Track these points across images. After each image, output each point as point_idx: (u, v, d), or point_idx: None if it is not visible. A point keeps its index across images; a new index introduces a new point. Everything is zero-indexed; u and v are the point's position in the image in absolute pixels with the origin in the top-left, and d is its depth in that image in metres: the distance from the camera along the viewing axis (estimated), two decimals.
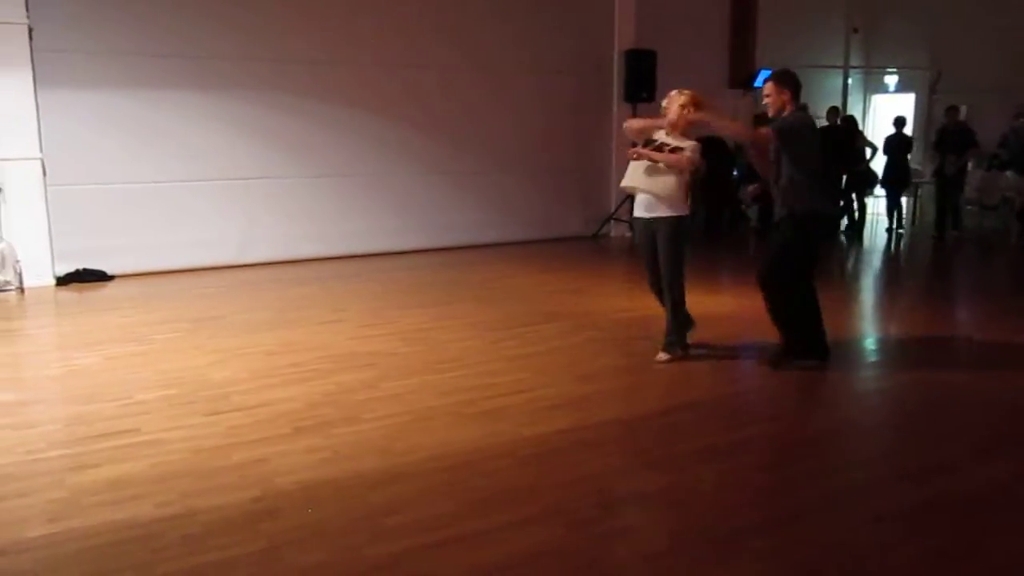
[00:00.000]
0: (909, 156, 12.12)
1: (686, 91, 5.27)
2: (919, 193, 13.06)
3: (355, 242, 9.72)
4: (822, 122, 12.34)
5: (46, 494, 3.45)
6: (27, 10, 7.55)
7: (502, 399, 4.65)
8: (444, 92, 10.18)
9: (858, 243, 11.37)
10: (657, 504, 3.42)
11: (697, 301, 7.10)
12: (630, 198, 11.41)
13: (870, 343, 6.27)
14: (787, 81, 5.11)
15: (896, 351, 5.95)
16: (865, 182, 11.93)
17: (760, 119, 12.41)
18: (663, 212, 5.20)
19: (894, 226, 12.05)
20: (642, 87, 10.97)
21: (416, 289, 7.96)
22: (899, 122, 11.99)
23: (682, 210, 5.22)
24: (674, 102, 5.23)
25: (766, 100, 5.17)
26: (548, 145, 11.06)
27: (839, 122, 11.92)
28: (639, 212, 5.37)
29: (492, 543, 3.06)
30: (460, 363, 5.36)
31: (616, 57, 11.20)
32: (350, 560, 2.94)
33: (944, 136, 11.25)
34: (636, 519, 3.28)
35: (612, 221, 11.33)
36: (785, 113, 5.09)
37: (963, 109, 12.52)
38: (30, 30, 7.60)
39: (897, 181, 11.97)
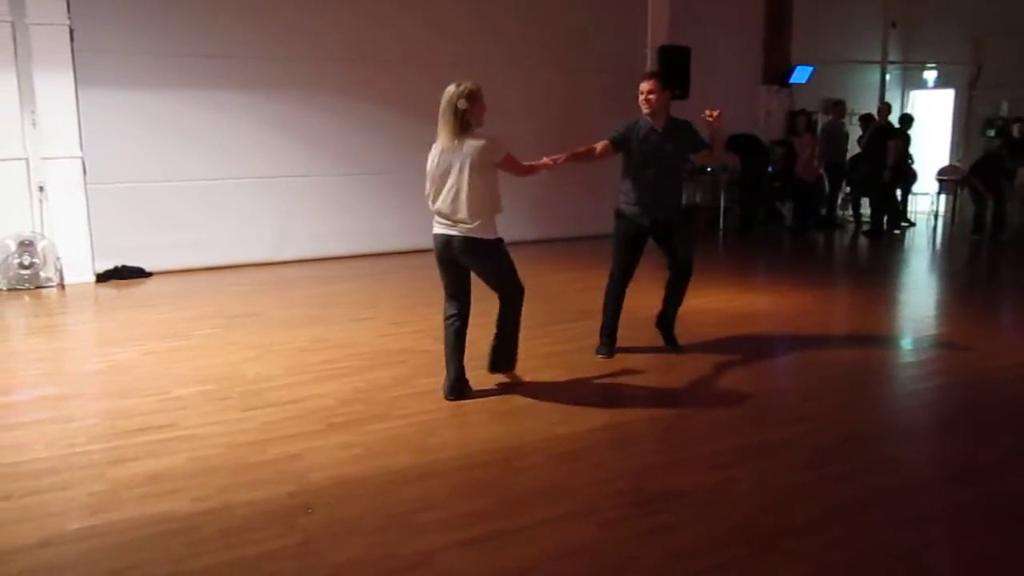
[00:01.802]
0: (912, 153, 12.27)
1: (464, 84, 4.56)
2: (959, 190, 12.82)
3: (387, 239, 9.78)
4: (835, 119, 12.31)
5: (86, 487, 3.51)
6: (68, 11, 7.69)
7: (534, 396, 4.65)
8: None
9: (889, 240, 11.21)
10: (691, 503, 3.39)
11: (731, 299, 7.07)
12: None
13: (906, 343, 6.17)
14: (668, 83, 5.32)
15: (933, 351, 5.85)
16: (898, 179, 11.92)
17: (796, 115, 12.34)
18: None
19: (905, 221, 12.19)
20: (676, 84, 10.85)
21: None
22: (903, 119, 12.18)
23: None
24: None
25: (649, 96, 5.19)
26: (580, 142, 10.92)
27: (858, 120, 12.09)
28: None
29: (525, 541, 3.06)
30: None
31: (649, 54, 11.11)
32: (384, 556, 2.96)
33: (991, 164, 11.11)
34: (670, 518, 3.25)
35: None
36: (662, 113, 5.22)
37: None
38: (71, 31, 7.74)
39: (902, 178, 12.07)
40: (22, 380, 5.14)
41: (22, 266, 7.71)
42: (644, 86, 5.22)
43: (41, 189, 7.84)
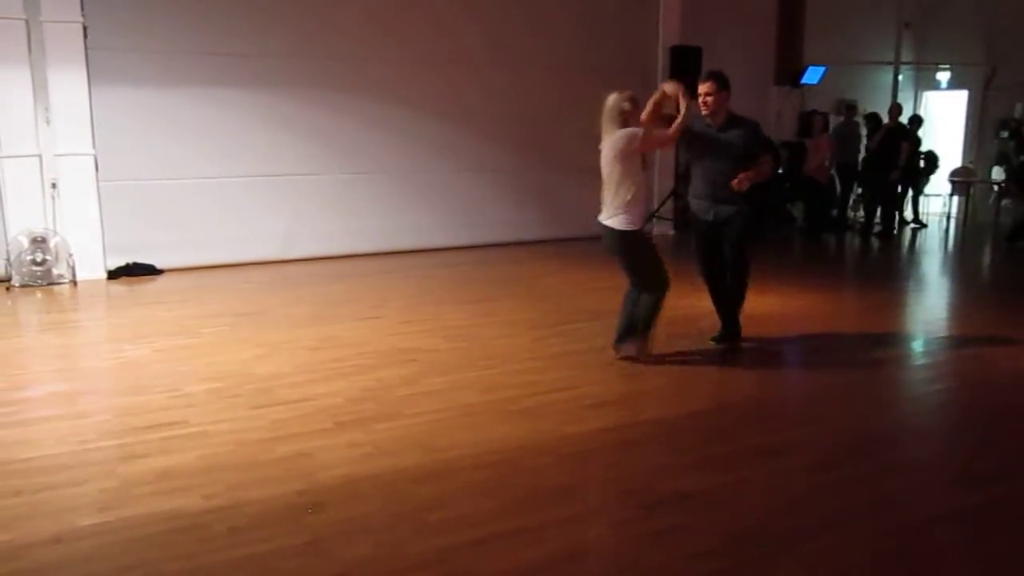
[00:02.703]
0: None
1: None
2: (971, 192, 12.76)
3: (397, 238, 9.79)
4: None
5: (98, 483, 3.53)
6: (82, 9, 7.72)
7: (544, 396, 4.65)
8: (487, 89, 10.20)
9: (898, 242, 11.16)
10: (702, 505, 3.38)
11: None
12: (673, 195, 11.28)
13: (917, 345, 6.14)
14: (727, 83, 5.31)
15: (944, 353, 5.82)
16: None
17: (811, 116, 12.29)
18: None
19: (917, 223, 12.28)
20: (687, 84, 10.83)
21: (457, 286, 7.98)
22: (911, 121, 12.21)
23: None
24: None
25: (707, 99, 5.24)
26: (591, 141, 10.96)
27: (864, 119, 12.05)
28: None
29: (534, 541, 3.05)
30: (502, 360, 5.36)
31: (661, 53, 11.09)
32: (393, 555, 2.96)
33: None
34: (680, 519, 3.24)
35: (655, 219, 11.24)
36: (721, 113, 5.26)
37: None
38: (84, 29, 7.77)
39: (911, 179, 12.10)
40: (34, 376, 5.16)
41: (35, 263, 7.75)
42: (702, 88, 5.29)
43: (54, 186, 7.87)
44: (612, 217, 5.01)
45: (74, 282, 7.90)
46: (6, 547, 3.00)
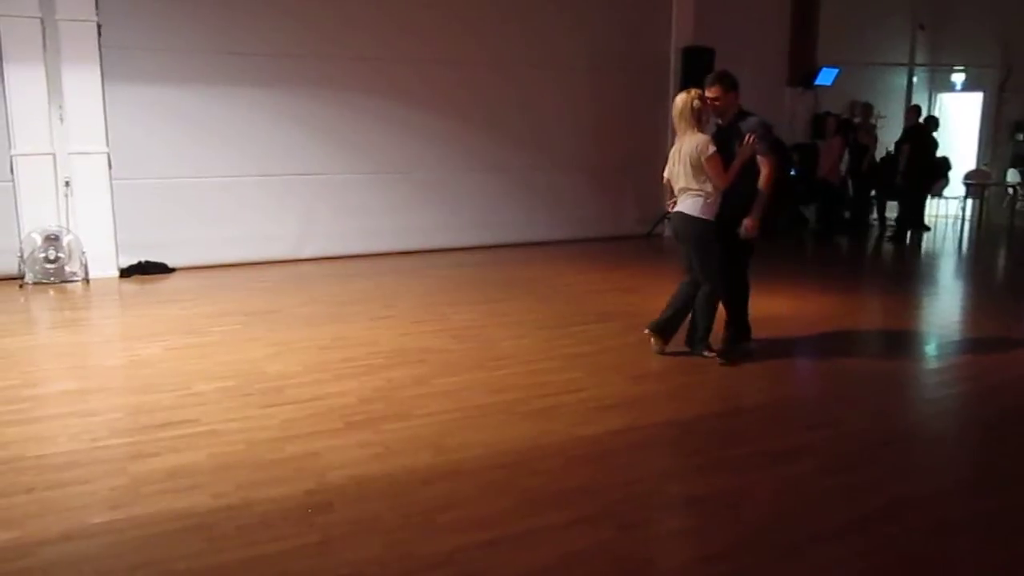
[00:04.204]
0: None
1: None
2: (986, 194, 12.67)
3: (408, 238, 9.79)
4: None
5: (108, 481, 3.53)
6: (96, 7, 7.76)
7: (554, 398, 4.63)
8: (499, 90, 10.20)
9: (911, 244, 11.09)
10: (712, 508, 3.35)
11: (753, 302, 6.99)
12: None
13: (931, 348, 6.09)
14: (734, 84, 5.29)
15: (957, 357, 5.76)
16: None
17: (824, 117, 12.22)
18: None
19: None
20: (699, 85, 10.80)
21: (467, 286, 7.97)
22: (927, 120, 12.03)
23: None
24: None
25: (715, 103, 5.23)
26: (602, 143, 11.00)
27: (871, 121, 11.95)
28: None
29: (544, 543, 3.04)
30: (512, 361, 5.35)
31: (673, 54, 11.07)
32: (403, 556, 2.95)
33: None
34: (690, 522, 3.23)
35: (666, 220, 11.21)
36: (729, 113, 5.25)
37: None
38: (99, 27, 7.81)
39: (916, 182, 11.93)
40: (46, 374, 5.18)
41: (48, 260, 7.78)
42: (709, 93, 5.28)
43: (67, 184, 7.91)
44: (685, 203, 5.18)
45: (86, 280, 7.94)
46: (16, 544, 3.00)
